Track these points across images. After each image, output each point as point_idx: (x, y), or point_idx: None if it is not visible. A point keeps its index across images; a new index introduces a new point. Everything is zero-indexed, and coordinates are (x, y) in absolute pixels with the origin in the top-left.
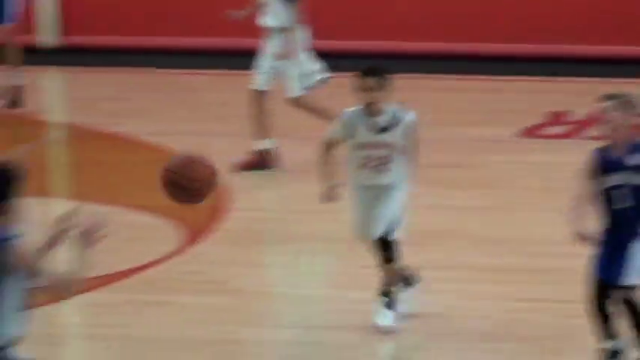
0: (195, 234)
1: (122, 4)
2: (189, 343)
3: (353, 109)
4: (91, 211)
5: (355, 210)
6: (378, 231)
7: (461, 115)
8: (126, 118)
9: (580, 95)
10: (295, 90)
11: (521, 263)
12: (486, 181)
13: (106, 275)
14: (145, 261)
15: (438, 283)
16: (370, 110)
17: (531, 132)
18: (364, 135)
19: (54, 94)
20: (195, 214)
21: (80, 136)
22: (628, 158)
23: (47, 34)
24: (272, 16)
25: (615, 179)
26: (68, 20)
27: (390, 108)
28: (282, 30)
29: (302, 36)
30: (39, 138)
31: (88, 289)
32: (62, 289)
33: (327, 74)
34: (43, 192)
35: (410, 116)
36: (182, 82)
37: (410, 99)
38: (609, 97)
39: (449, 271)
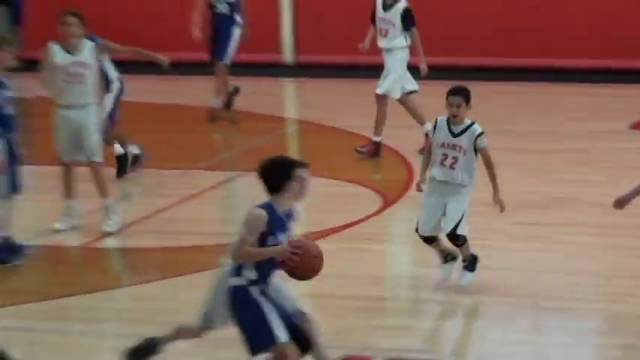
0: (389, 199)
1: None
2: (379, 279)
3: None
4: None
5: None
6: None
7: (581, 113)
8: (340, 115)
9: None
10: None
11: (626, 222)
12: (599, 161)
13: (323, 230)
14: (354, 219)
15: (561, 236)
16: (453, 120)
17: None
18: (444, 136)
19: (291, 98)
20: (389, 187)
21: (308, 129)
22: None
23: (288, 53)
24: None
25: None
26: (303, 43)
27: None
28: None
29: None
30: (279, 130)
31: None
32: None
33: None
34: None
35: (477, 127)
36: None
37: (547, 103)
38: None
39: (571, 228)
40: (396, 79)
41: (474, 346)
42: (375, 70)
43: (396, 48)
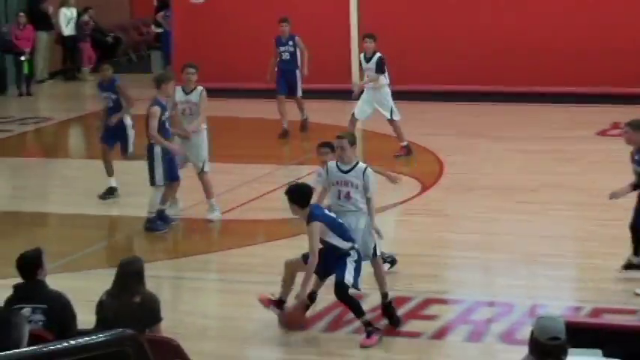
0: (426, 185)
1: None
2: (418, 241)
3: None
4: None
5: None
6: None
7: (559, 124)
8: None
9: None
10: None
11: (595, 201)
12: (574, 158)
13: (381, 207)
14: (402, 199)
15: (549, 211)
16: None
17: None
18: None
19: None
20: (425, 174)
21: (373, 138)
22: None
23: (355, 81)
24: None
25: None
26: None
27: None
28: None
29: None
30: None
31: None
32: None
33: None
34: None
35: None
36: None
37: (534, 117)
38: None
39: (556, 205)
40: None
41: (486, 289)
42: (420, 95)
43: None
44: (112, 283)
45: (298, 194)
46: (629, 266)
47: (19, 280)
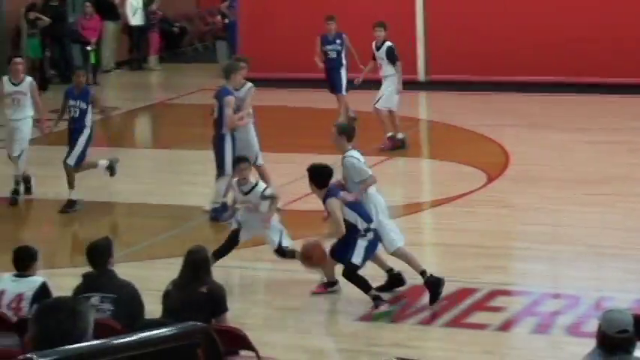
0: (492, 177)
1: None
2: (485, 232)
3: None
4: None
5: None
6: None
7: (623, 116)
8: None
9: None
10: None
11: None
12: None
13: (447, 197)
14: (467, 190)
15: (617, 203)
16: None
17: None
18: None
19: (423, 106)
20: (491, 165)
21: (439, 128)
22: None
23: (421, 73)
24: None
25: None
26: (433, 62)
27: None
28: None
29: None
30: (416, 126)
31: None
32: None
33: None
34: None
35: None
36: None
37: (597, 109)
38: None
39: (624, 197)
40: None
41: (553, 281)
42: (486, 85)
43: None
44: (179, 272)
45: (317, 173)
46: None
47: (83, 269)
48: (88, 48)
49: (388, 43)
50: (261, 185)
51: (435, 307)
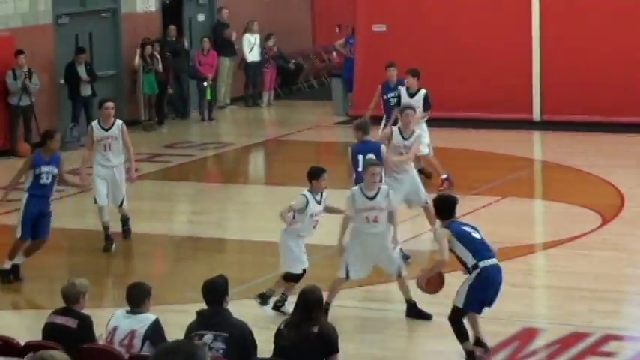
0: (606, 219)
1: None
2: (599, 276)
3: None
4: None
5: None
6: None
7: None
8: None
9: None
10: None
11: None
12: None
13: (558, 240)
14: (581, 232)
15: None
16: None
17: None
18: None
19: (537, 145)
20: (605, 207)
21: (552, 169)
22: None
23: (536, 113)
24: None
25: None
26: (548, 103)
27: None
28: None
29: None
30: (530, 167)
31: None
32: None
33: None
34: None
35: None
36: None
37: None
38: None
39: None
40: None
41: None
42: (599, 126)
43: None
44: (292, 311)
45: (442, 204)
46: None
47: (194, 305)
48: (205, 84)
49: (424, 91)
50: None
51: None
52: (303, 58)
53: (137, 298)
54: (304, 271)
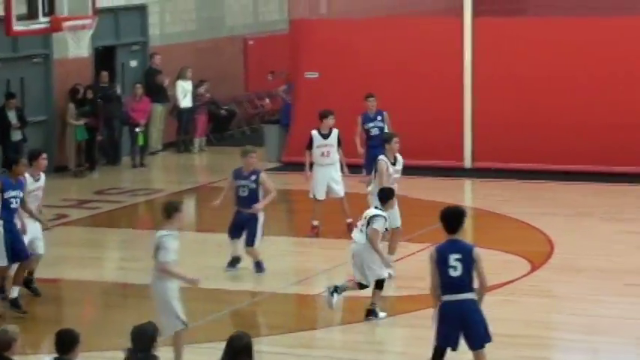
0: (535, 265)
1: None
2: (527, 322)
3: None
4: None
5: None
6: None
7: None
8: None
9: None
10: None
11: None
12: None
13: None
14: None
15: None
16: None
17: None
18: None
19: (468, 193)
20: (535, 254)
21: (483, 216)
22: None
23: (467, 160)
24: None
25: None
26: (479, 150)
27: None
28: None
29: None
30: None
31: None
32: None
33: None
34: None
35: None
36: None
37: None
38: None
39: None
40: None
41: None
42: (531, 174)
43: None
44: (221, 358)
45: (450, 217)
46: None
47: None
48: (137, 130)
49: (336, 130)
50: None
51: None
52: (236, 104)
53: (66, 344)
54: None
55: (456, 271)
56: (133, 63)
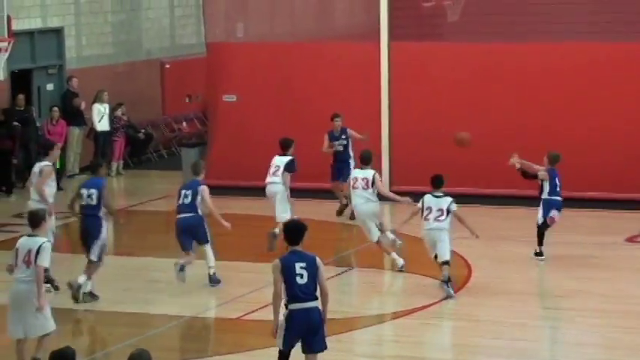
0: (454, 289)
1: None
2: (445, 346)
3: None
4: None
5: None
6: None
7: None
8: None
9: None
10: None
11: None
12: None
13: (405, 310)
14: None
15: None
16: None
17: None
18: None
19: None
20: (453, 278)
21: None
22: None
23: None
24: None
25: None
26: (396, 174)
27: None
28: None
29: None
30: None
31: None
32: None
33: None
34: None
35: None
36: None
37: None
38: None
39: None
40: None
41: None
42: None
43: None
44: None
45: (292, 230)
46: None
47: None
48: None
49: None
50: None
51: None
52: (153, 127)
53: None
54: None
55: (302, 278)
56: (50, 86)
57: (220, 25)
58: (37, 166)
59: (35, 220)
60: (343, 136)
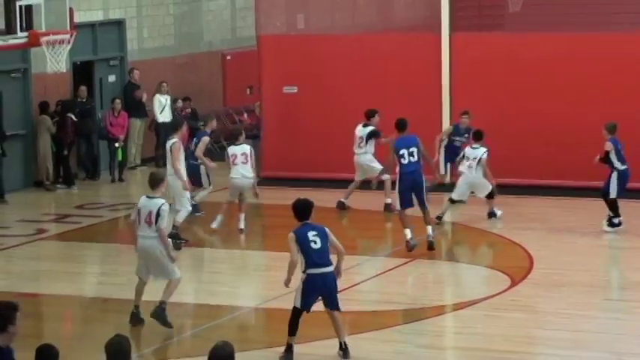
0: (515, 280)
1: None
2: (507, 337)
3: None
4: None
5: None
6: None
7: None
8: (484, 220)
9: None
10: None
11: None
12: None
13: (468, 301)
14: (490, 294)
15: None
16: None
17: None
18: None
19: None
20: (515, 269)
21: (463, 231)
22: None
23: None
24: None
25: None
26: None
27: None
28: None
29: None
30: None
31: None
32: None
33: None
34: None
35: None
36: None
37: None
38: None
39: None
40: None
41: None
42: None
43: None
44: None
45: (301, 207)
46: None
47: None
48: (116, 145)
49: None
50: None
51: None
52: (215, 118)
53: None
54: None
55: (316, 244)
56: (111, 78)
57: (277, 17)
58: (167, 144)
59: (154, 181)
60: (466, 135)
